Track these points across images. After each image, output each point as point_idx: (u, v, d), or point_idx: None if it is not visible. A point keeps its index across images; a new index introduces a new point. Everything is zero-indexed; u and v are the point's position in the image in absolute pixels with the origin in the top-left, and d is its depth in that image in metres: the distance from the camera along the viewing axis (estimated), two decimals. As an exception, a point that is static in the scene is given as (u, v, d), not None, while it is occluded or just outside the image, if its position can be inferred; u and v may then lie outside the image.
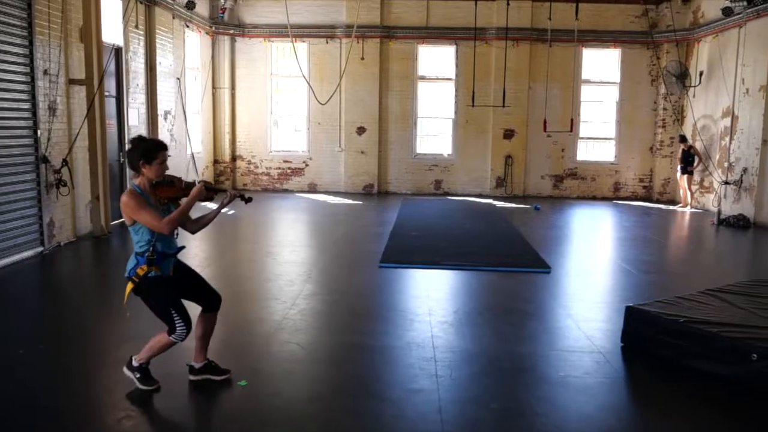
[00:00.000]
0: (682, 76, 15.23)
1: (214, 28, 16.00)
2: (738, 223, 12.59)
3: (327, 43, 16.37)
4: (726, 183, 13.73)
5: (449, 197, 16.42)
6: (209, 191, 4.24)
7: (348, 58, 14.46)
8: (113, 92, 10.98)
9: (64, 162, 9.03)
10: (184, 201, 4.20)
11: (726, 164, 13.92)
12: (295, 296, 6.68)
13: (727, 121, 13.96)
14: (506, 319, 6.21)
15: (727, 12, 13.18)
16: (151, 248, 4.13)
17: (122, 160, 11.31)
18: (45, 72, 8.67)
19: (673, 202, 16.15)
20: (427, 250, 9.33)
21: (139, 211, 4.08)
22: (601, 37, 16.20)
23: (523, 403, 4.33)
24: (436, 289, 7.29)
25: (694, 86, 15.21)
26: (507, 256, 9.21)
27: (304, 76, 14.25)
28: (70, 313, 6.28)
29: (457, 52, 16.41)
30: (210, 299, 4.44)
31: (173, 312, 4.18)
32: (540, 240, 10.57)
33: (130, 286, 4.21)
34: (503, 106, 15.09)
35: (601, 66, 16.87)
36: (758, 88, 12.62)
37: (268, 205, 14.29)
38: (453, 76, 16.60)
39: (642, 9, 16.17)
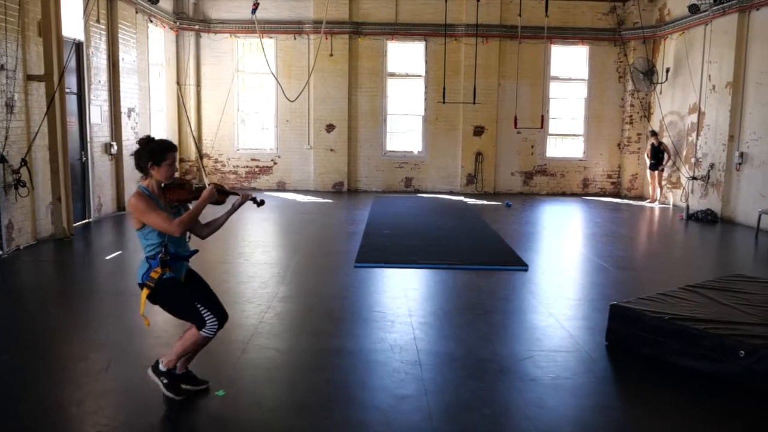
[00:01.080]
0: (649, 73, 15.36)
1: (178, 24, 15.58)
2: (706, 218, 12.74)
3: (295, 39, 16.10)
4: (693, 178, 13.90)
5: (420, 195, 16.30)
6: (220, 194, 4.11)
7: (316, 55, 14.20)
8: (74, 89, 10.57)
9: (23, 162, 8.64)
10: (193, 204, 4.05)
11: (693, 160, 14.08)
12: (270, 299, 6.47)
13: (694, 117, 14.12)
14: (488, 319, 6.09)
15: (693, 9, 13.32)
16: (163, 249, 3.96)
17: (84, 159, 10.91)
18: (2, 67, 8.27)
19: (641, 198, 16.30)
20: (402, 249, 9.19)
21: (148, 213, 3.89)
22: (569, 34, 16.25)
23: (513, 407, 4.21)
24: (414, 288, 7.15)
25: (661, 83, 15.36)
26: (483, 254, 9.13)
27: (272, 73, 13.98)
28: (32, 320, 5.95)
29: (426, 48, 16.29)
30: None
31: (199, 306, 4.02)
32: (514, 237, 10.52)
33: (145, 292, 4.01)
34: (473, 103, 15.07)
35: (570, 63, 16.93)
36: (724, 85, 12.78)
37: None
38: (423, 73, 16.47)
39: (609, 6, 16.29)
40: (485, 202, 14.98)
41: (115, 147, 12.04)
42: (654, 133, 14.73)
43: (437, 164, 16.78)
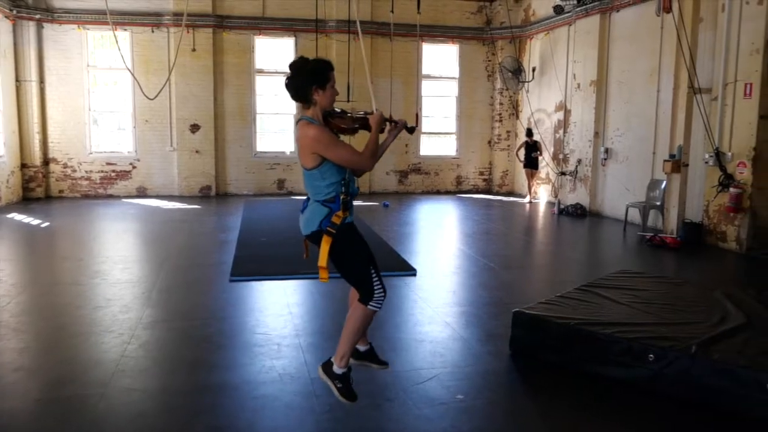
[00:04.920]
0: (517, 72, 15.68)
1: (14, 12, 13.80)
2: (576, 213, 13.13)
3: (153, 32, 14.82)
4: (562, 174, 14.31)
5: (294, 197, 15.62)
6: (385, 120, 3.70)
7: (178, 50, 13.07)
8: None
9: None
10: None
11: (561, 156, 14.51)
12: (133, 326, 5.58)
13: (561, 115, 14.55)
14: (382, 334, 5.59)
15: (558, 10, 13.67)
16: (344, 188, 3.50)
17: None
18: None
19: (512, 194, 16.66)
20: (282, 258, 8.50)
21: (335, 146, 3.46)
22: (439, 33, 16.24)
23: (426, 440, 3.74)
24: (298, 303, 6.54)
25: (528, 81, 15.72)
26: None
27: (128, 69, 12.71)
28: None
29: (296, 44, 15.62)
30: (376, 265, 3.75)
31: (372, 272, 3.59)
32: (396, 239, 10.18)
33: (327, 241, 3.50)
34: (347, 101, 14.59)
35: (441, 61, 16.95)
36: (589, 83, 13.22)
37: (90, 214, 12.59)
38: (293, 70, 15.76)
39: (477, 6, 16.46)
40: (362, 203, 14.57)
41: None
42: (530, 133, 15.01)
43: (311, 165, 16.13)
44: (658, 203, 11.00)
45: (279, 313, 6.09)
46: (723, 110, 9.52)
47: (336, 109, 3.70)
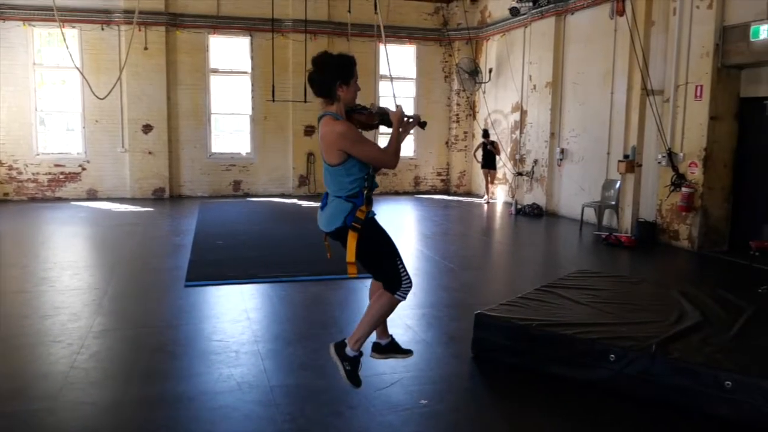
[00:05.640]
0: (474, 73, 15.77)
1: (-47, 7, 13.24)
2: (533, 212, 13.26)
3: (103, 29, 14.37)
4: (519, 174, 14.43)
5: (250, 199, 15.39)
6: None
7: (129, 48, 12.68)
8: None
9: None
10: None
11: (518, 156, 14.63)
12: (83, 335, 5.35)
13: (517, 116, 14.67)
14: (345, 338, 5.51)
15: (514, 12, 13.78)
16: (366, 183, 3.52)
17: None
18: None
19: (470, 194, 16.74)
20: (238, 262, 8.34)
21: (362, 142, 3.47)
22: (397, 33, 16.20)
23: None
24: (256, 308, 6.38)
25: (485, 82, 15.82)
26: (326, 262, 8.50)
27: (77, 67, 12.26)
28: None
29: (252, 44, 15.36)
30: None
31: (399, 262, 3.59)
32: (356, 241, 10.07)
33: (354, 236, 3.48)
34: (304, 102, 14.49)
35: (398, 62, 16.90)
36: (545, 84, 13.36)
37: (37, 218, 12.14)
38: (249, 70, 15.52)
39: (434, 7, 16.49)
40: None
41: None
42: (486, 134, 15.09)
43: (268, 166, 15.94)
44: (613, 203, 11.18)
45: (236, 319, 5.93)
46: (675, 111, 9.72)
47: (357, 105, 3.72)
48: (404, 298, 3.67)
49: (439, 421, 3.99)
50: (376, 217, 3.78)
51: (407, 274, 3.66)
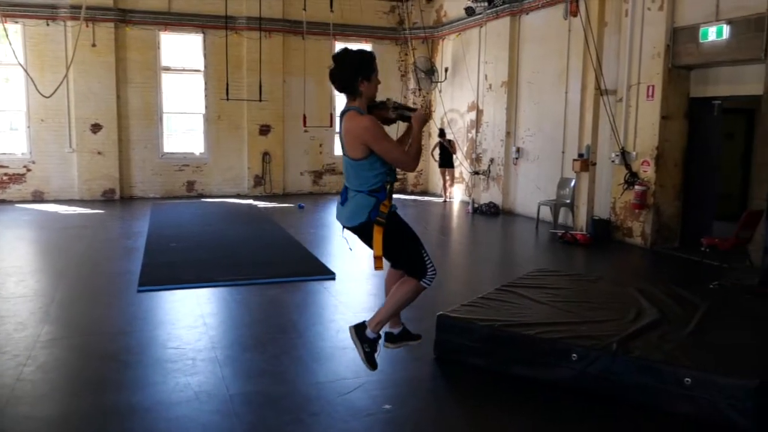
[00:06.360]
0: (430, 72, 15.79)
1: None
2: (489, 211, 13.35)
3: (48, 25, 13.85)
4: (476, 173, 14.51)
5: (205, 199, 15.08)
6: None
7: (76, 45, 12.25)
8: None
9: None
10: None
11: (474, 155, 14.71)
12: (30, 345, 5.11)
13: (473, 115, 14.75)
14: (304, 343, 5.41)
15: (469, 12, 13.84)
16: (388, 177, 3.59)
17: None
18: None
19: (426, 193, 16.77)
20: (193, 265, 8.13)
21: (386, 139, 3.49)
22: (352, 31, 16.10)
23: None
24: (213, 313, 6.22)
25: (441, 81, 15.86)
26: (284, 264, 8.41)
27: (20, 64, 11.83)
28: None
29: (205, 41, 15.04)
30: None
31: (423, 251, 3.71)
32: (312, 241, 9.99)
33: (379, 231, 3.55)
34: (259, 100, 14.28)
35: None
36: (500, 84, 13.46)
37: (-20, 222, 11.63)
38: (202, 68, 15.20)
39: (390, 5, 16.45)
40: (276, 205, 14.27)
41: None
42: (442, 133, 15.10)
43: (222, 166, 15.65)
44: (568, 201, 11.32)
45: (192, 325, 5.75)
46: (627, 111, 9.89)
47: (376, 100, 3.75)
48: (430, 284, 3.80)
49: (402, 425, 3.94)
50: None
51: (432, 262, 3.79)
